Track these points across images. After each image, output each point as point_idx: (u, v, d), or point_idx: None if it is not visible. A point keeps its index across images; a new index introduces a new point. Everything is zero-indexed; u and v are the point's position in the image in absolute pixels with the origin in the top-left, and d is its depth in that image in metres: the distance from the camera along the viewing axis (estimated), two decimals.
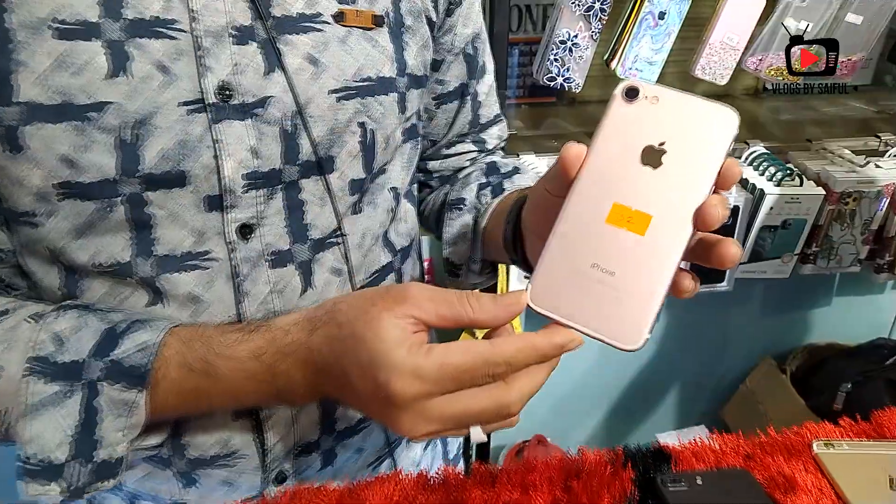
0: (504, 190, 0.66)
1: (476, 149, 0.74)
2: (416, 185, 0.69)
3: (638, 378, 1.75)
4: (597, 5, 1.16)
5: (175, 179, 0.49)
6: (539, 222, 0.49)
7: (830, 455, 0.58)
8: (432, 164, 0.75)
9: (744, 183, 1.42)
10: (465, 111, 0.71)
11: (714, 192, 0.39)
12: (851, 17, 1.26)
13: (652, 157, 0.40)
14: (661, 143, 0.40)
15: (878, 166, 1.45)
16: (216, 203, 0.51)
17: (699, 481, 0.55)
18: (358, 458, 0.66)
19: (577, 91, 1.23)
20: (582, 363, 1.70)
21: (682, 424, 1.83)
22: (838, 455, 0.58)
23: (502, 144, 0.78)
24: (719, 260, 0.40)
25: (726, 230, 1.40)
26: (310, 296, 0.56)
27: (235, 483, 0.58)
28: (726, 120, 0.39)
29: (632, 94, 0.41)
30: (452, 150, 0.74)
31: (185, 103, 0.48)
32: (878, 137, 1.53)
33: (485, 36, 0.70)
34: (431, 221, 0.76)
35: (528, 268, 0.57)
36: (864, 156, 1.47)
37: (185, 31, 0.47)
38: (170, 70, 0.47)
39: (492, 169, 0.70)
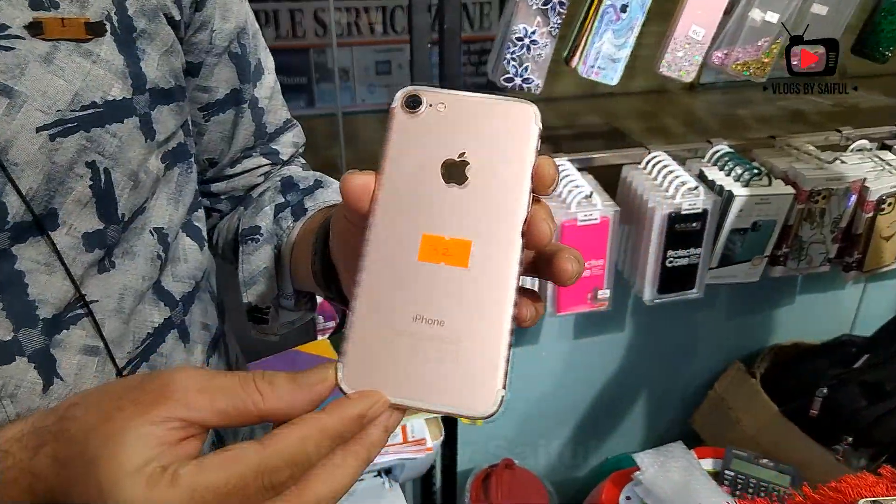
0: (306, 210, 0.55)
1: (268, 162, 0.63)
2: (196, 214, 0.57)
3: (604, 391, 1.68)
4: None
5: None
6: (346, 254, 0.40)
7: None
8: (217, 187, 0.62)
9: (711, 184, 1.35)
10: (244, 121, 0.59)
11: (535, 200, 0.34)
12: (817, 8, 1.20)
13: (454, 172, 0.34)
14: (462, 155, 0.34)
15: (842, 162, 1.40)
16: None
17: None
18: None
19: (537, 92, 1.14)
20: (545, 378, 1.61)
21: (652, 435, 1.76)
22: None
23: (300, 152, 0.66)
24: (558, 277, 0.34)
25: (695, 235, 1.33)
26: (57, 391, 0.43)
27: None
28: (524, 115, 0.34)
29: (414, 103, 0.34)
30: (239, 168, 0.62)
31: None
32: (839, 132, 1.49)
33: (254, 30, 0.58)
34: (227, 253, 0.63)
35: (346, 303, 0.46)
36: (828, 151, 1.42)
37: None
38: None
39: (288, 185, 0.58)
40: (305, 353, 1.28)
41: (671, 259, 1.33)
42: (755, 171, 1.32)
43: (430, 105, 0.34)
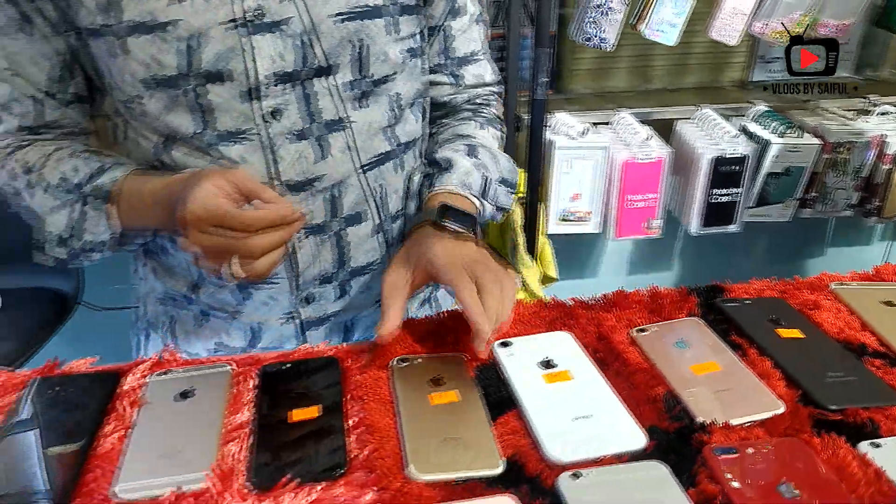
0: (433, 185, 0.80)
1: (449, 82, 0.86)
2: (420, 100, 0.82)
3: None
4: None
5: (222, 76, 0.68)
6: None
7: (845, 289, 0.77)
8: None
9: (751, 136, 1.61)
10: (437, 42, 0.84)
11: None
12: None
13: None
14: None
15: (866, 121, 1.65)
16: (254, 94, 0.69)
17: (748, 303, 0.73)
18: (367, 295, 0.84)
19: (610, 50, 1.42)
20: None
21: None
22: (850, 289, 0.77)
23: (484, 84, 0.89)
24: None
25: (737, 176, 1.59)
26: (327, 164, 0.74)
27: (276, 299, 0.80)
28: None
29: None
30: (429, 78, 0.85)
31: (229, 21, 0.66)
32: (866, 98, 1.73)
33: None
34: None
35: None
36: (854, 112, 1.67)
37: None
38: None
39: (431, 162, 0.84)
40: None
41: (715, 196, 1.60)
42: (789, 124, 1.58)
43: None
